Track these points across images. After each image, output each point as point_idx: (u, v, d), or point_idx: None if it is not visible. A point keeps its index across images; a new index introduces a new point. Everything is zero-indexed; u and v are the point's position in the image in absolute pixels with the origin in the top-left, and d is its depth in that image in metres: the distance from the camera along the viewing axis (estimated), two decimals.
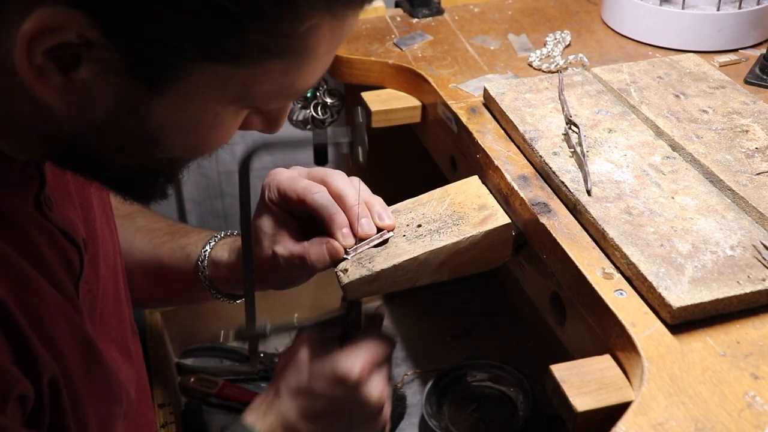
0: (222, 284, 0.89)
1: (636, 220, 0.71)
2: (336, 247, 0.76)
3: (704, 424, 0.56)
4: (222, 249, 0.88)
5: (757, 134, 0.83)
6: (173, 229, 0.94)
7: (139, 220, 0.95)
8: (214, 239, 0.89)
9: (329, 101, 1.19)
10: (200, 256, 0.88)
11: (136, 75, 0.50)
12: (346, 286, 0.75)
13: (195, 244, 0.90)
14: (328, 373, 0.77)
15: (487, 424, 1.14)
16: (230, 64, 0.51)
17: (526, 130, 0.84)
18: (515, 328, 1.29)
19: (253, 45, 0.51)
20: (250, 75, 0.53)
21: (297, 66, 0.54)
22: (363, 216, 0.77)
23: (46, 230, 0.62)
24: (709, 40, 1.06)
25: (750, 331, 0.63)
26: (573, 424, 0.61)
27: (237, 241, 0.88)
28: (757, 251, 0.67)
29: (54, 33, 0.46)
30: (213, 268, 0.88)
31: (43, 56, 0.47)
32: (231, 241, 0.89)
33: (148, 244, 0.93)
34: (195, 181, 1.57)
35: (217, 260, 0.87)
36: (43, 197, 0.62)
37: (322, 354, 0.78)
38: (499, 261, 0.80)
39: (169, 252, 0.91)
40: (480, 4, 1.21)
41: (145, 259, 0.92)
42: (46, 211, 0.62)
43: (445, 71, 1.01)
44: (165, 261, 0.91)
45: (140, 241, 0.93)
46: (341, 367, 0.76)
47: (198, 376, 1.22)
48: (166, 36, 0.48)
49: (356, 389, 0.76)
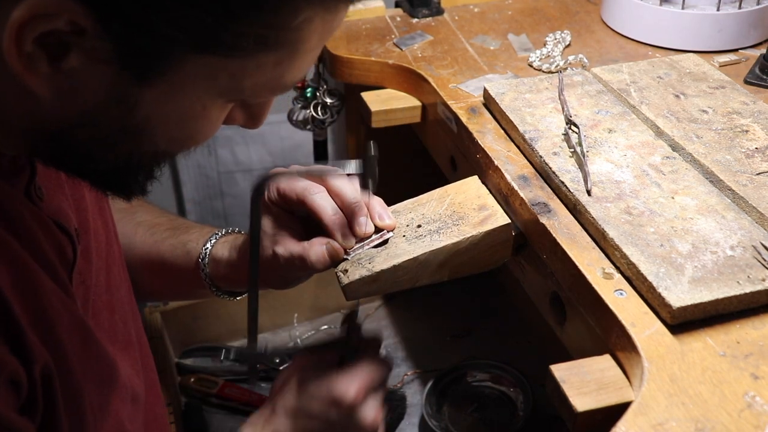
0: (222, 282, 0.89)
1: (636, 220, 0.71)
2: (336, 248, 0.76)
3: (704, 424, 0.56)
4: (223, 247, 0.88)
5: (757, 134, 0.83)
6: (174, 225, 0.94)
7: (140, 215, 0.95)
8: (215, 236, 0.89)
9: (329, 101, 1.19)
10: (201, 254, 0.88)
11: (126, 64, 0.50)
12: (346, 286, 0.75)
13: (196, 241, 0.90)
14: (324, 394, 0.79)
15: (487, 424, 1.14)
16: (223, 55, 0.51)
17: (526, 130, 0.84)
18: (515, 328, 1.29)
19: (248, 36, 0.51)
20: (242, 67, 0.53)
21: (287, 59, 0.54)
22: (362, 216, 0.77)
23: (39, 219, 0.62)
24: (709, 40, 1.06)
25: (750, 331, 0.63)
26: (573, 424, 0.61)
27: (238, 239, 0.88)
28: (757, 251, 0.67)
29: (46, 19, 0.46)
30: (213, 265, 0.88)
31: (32, 43, 0.47)
32: (232, 239, 0.89)
33: (149, 239, 0.93)
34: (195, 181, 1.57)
35: (218, 258, 0.88)
36: (33, 188, 0.62)
37: (319, 375, 0.80)
38: (499, 261, 0.80)
39: (170, 248, 0.91)
40: (480, 4, 1.21)
41: (145, 255, 0.92)
42: (37, 201, 0.62)
43: (445, 71, 1.01)
44: (166, 257, 0.91)
45: (141, 236, 0.93)
46: (337, 390, 0.78)
47: (198, 376, 1.22)
48: (162, 26, 0.48)
49: (351, 412, 0.78)
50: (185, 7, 0.48)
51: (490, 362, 1.20)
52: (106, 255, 0.77)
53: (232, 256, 0.87)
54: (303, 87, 1.20)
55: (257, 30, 0.51)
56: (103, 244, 0.76)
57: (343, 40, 1.10)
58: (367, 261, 0.76)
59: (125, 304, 0.81)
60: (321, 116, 1.20)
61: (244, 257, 0.85)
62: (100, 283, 0.74)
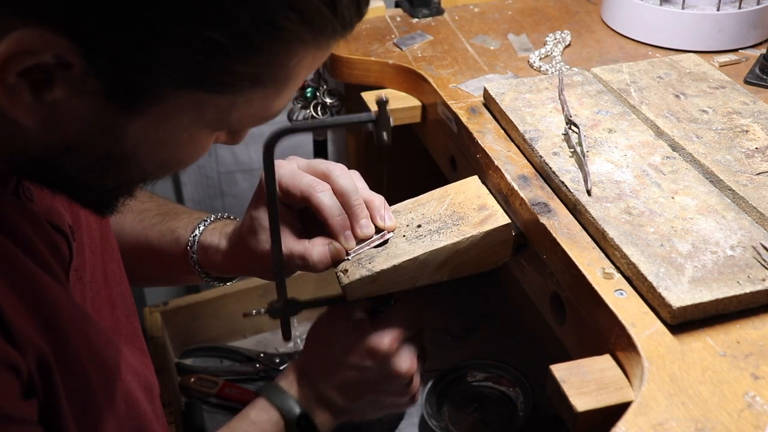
0: (212, 268, 0.89)
1: (636, 220, 0.71)
2: (338, 249, 0.77)
3: (704, 424, 0.56)
4: (212, 234, 0.88)
5: (757, 134, 0.83)
6: (163, 210, 0.94)
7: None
8: (204, 223, 0.89)
9: (329, 101, 1.19)
10: (189, 241, 0.88)
11: (113, 96, 0.49)
12: (346, 286, 0.75)
13: (184, 228, 0.90)
14: (358, 346, 0.79)
15: (487, 424, 1.14)
16: (214, 92, 0.51)
17: (526, 130, 0.84)
18: (515, 328, 1.29)
19: (242, 76, 0.51)
20: (231, 102, 0.53)
21: (276, 93, 0.55)
22: (363, 217, 0.77)
23: (32, 220, 0.62)
24: (709, 40, 1.05)
25: (750, 331, 0.63)
26: (573, 424, 0.61)
27: (228, 225, 0.88)
28: (756, 251, 0.67)
29: (31, 54, 0.46)
30: (202, 252, 0.88)
31: (16, 76, 0.47)
32: (221, 226, 0.88)
33: (137, 225, 0.93)
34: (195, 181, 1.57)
35: (207, 245, 0.87)
36: (22, 189, 0.62)
37: (352, 328, 0.80)
38: (499, 261, 0.80)
39: (158, 235, 0.91)
40: (480, 4, 1.21)
41: (134, 241, 0.92)
42: (26, 202, 0.62)
43: (445, 71, 1.01)
44: (154, 244, 0.91)
45: (130, 222, 0.93)
46: (371, 341, 0.79)
47: (198, 376, 1.22)
48: (152, 64, 0.48)
49: (386, 361, 0.79)
50: (176, 47, 0.47)
51: (490, 362, 1.20)
52: (102, 250, 0.77)
53: (221, 244, 0.86)
54: (303, 87, 1.20)
55: (252, 69, 0.51)
56: (97, 239, 0.76)
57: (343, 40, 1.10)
58: (367, 261, 0.76)
59: (126, 299, 0.81)
60: (321, 116, 1.20)
61: (234, 244, 0.85)
62: (96, 279, 0.74)
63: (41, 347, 0.57)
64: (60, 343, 0.59)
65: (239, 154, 1.56)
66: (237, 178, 1.59)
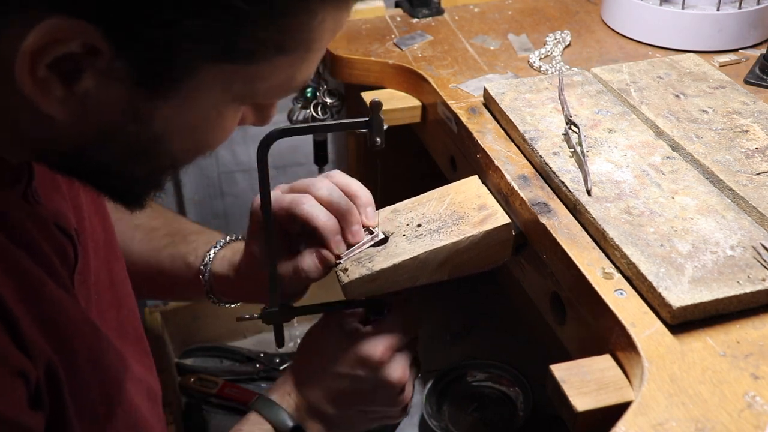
0: (223, 296, 0.90)
1: (636, 220, 0.71)
2: (326, 255, 0.77)
3: (704, 424, 0.56)
4: (221, 264, 0.88)
5: (757, 134, 0.83)
6: (172, 230, 0.94)
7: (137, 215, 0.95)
8: (213, 250, 0.90)
9: (329, 101, 1.19)
10: (201, 270, 0.89)
11: (141, 80, 0.50)
12: (346, 285, 0.75)
13: (195, 253, 0.90)
14: (350, 354, 0.79)
15: (487, 424, 1.14)
16: (241, 62, 0.51)
17: (526, 130, 0.84)
18: (515, 328, 1.29)
19: (265, 42, 0.51)
20: (257, 72, 0.53)
21: (301, 59, 0.54)
22: (355, 225, 0.78)
23: (39, 223, 0.62)
24: (709, 40, 1.06)
25: (750, 331, 0.63)
26: (573, 424, 0.61)
27: (236, 254, 0.88)
28: (756, 251, 0.67)
29: (59, 44, 0.46)
30: (215, 281, 0.89)
31: (46, 69, 0.47)
32: (230, 255, 0.89)
33: (146, 246, 0.93)
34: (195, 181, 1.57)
35: (217, 275, 0.88)
36: (30, 191, 0.62)
37: (345, 336, 0.80)
38: (499, 261, 0.80)
39: (169, 258, 0.92)
40: (480, 4, 1.21)
41: (144, 262, 0.92)
42: (34, 204, 0.62)
43: (445, 71, 1.01)
44: (166, 268, 0.92)
45: (139, 242, 0.93)
46: (363, 349, 0.78)
47: (198, 376, 1.22)
48: (178, 41, 0.48)
49: (378, 370, 0.79)
50: (200, 19, 0.47)
51: (490, 362, 1.21)
52: (106, 252, 0.77)
53: (230, 275, 0.87)
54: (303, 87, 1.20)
55: (275, 35, 0.51)
56: (102, 242, 0.76)
57: (343, 40, 1.10)
58: (367, 260, 0.76)
59: (131, 299, 0.81)
60: (321, 116, 1.20)
61: (241, 277, 0.86)
62: (101, 281, 0.74)
63: (49, 355, 0.58)
64: (64, 352, 0.60)
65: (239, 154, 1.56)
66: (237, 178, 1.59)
